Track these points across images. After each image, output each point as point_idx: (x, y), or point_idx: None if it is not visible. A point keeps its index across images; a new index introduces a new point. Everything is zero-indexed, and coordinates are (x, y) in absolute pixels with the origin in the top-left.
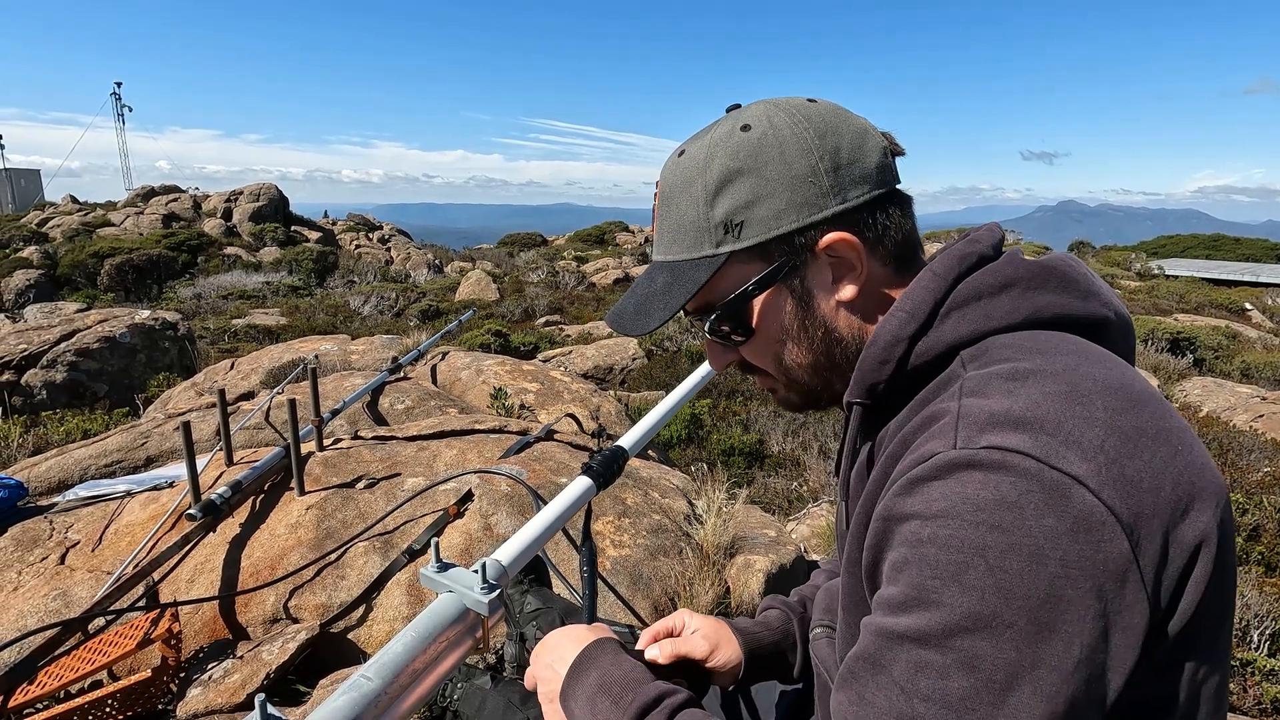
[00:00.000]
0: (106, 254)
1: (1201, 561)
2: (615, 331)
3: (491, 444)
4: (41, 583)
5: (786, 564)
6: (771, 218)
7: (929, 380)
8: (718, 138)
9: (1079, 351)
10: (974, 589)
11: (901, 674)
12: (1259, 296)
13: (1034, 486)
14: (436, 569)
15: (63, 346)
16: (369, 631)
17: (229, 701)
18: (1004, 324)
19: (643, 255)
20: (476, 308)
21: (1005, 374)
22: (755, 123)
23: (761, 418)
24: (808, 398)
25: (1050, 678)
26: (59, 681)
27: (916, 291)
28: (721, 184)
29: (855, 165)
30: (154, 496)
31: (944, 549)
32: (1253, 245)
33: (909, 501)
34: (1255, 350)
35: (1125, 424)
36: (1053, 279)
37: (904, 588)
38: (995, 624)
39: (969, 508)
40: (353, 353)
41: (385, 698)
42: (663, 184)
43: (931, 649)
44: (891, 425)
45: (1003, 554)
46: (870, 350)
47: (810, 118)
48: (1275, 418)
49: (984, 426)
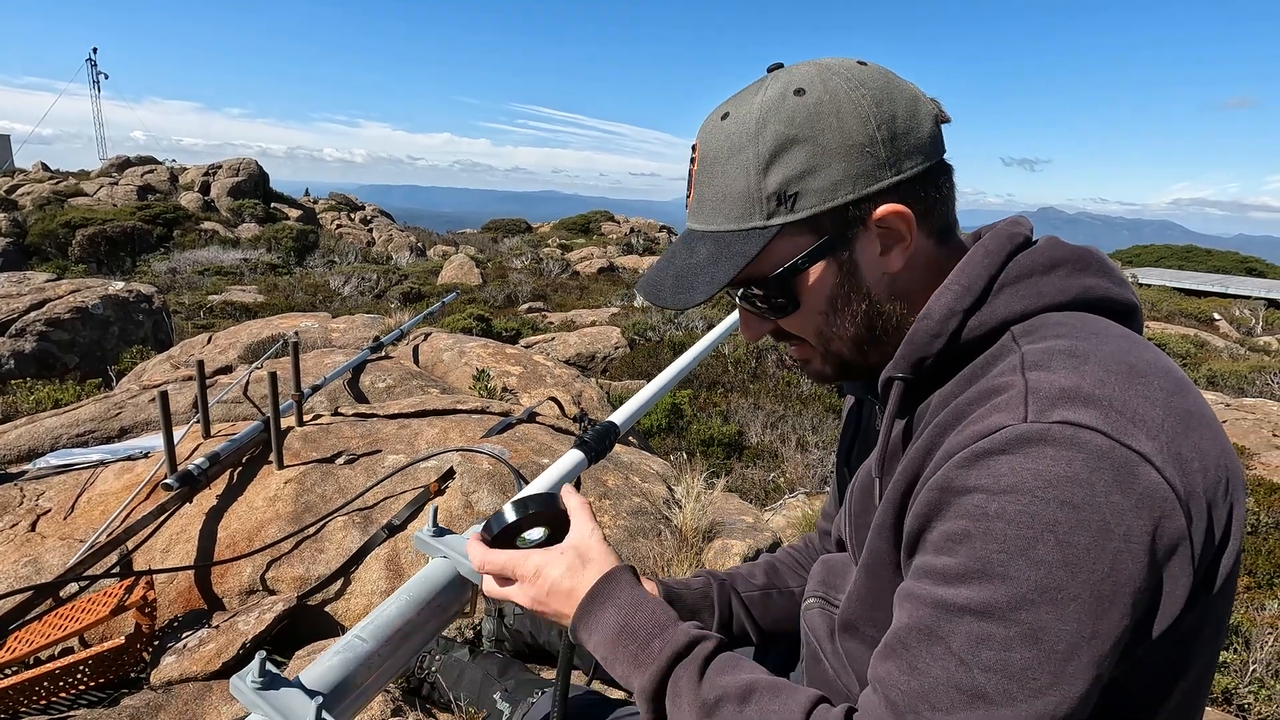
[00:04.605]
0: (79, 224)
1: (1233, 539)
2: (650, 303)
3: (474, 424)
4: (11, 549)
5: (763, 549)
6: (827, 189)
7: (976, 355)
8: (769, 101)
9: (1126, 335)
10: (1042, 563)
11: (961, 645)
12: (1227, 307)
13: (1105, 464)
14: (432, 534)
15: (32, 316)
16: (346, 605)
17: (204, 670)
18: (1055, 302)
19: (627, 245)
20: (459, 291)
21: (1066, 350)
22: (809, 87)
23: (741, 409)
24: (842, 369)
25: (1103, 647)
26: (29, 647)
27: (970, 267)
28: (775, 152)
29: (910, 135)
30: (128, 466)
31: (1012, 523)
32: (1223, 258)
33: (973, 474)
34: (1221, 359)
35: (1178, 405)
36: (1094, 262)
37: (964, 559)
38: (1061, 597)
39: (1040, 483)
40: (333, 331)
41: (377, 658)
42: (704, 148)
43: (994, 621)
44: (935, 398)
45: (1072, 529)
46: (924, 323)
47: (866, 83)
48: (1238, 424)
49: (1055, 401)
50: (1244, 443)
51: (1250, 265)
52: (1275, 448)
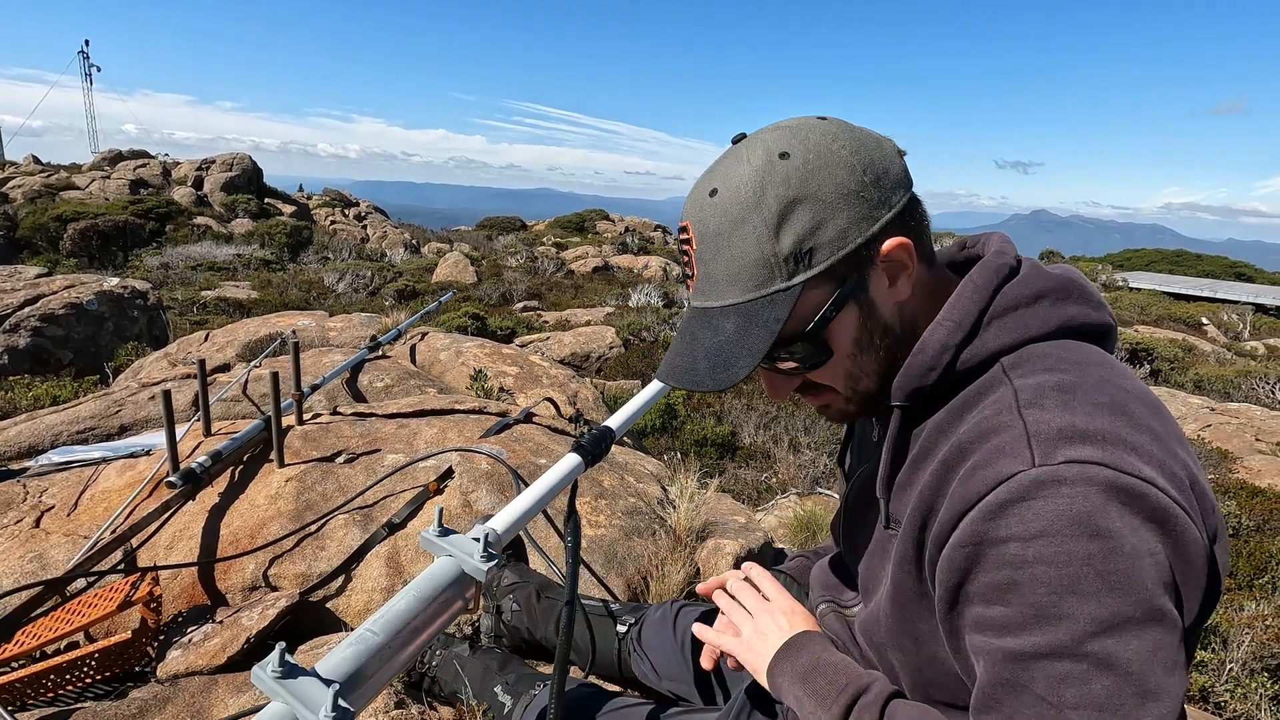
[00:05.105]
0: (70, 218)
1: (1219, 546)
2: (686, 389)
3: (471, 424)
4: (16, 545)
5: (755, 549)
6: (837, 238)
7: (967, 384)
8: (758, 170)
9: (1104, 363)
10: (1090, 595)
11: (1044, 689)
12: (1215, 312)
13: (1116, 493)
14: (438, 533)
15: (26, 311)
16: (347, 601)
17: (210, 664)
18: (1040, 333)
19: (622, 244)
20: (455, 290)
21: (1054, 386)
22: (791, 149)
23: (734, 410)
24: (867, 405)
25: (1171, 653)
26: (36, 641)
27: (960, 302)
28: (782, 215)
29: (889, 173)
30: (130, 464)
31: (1052, 565)
32: (1213, 262)
33: (1002, 525)
34: (1208, 364)
35: (1158, 429)
36: (1074, 290)
37: (1019, 608)
38: (1117, 622)
39: (1065, 522)
40: (330, 329)
41: (387, 650)
42: (700, 227)
43: (1066, 660)
44: (931, 424)
45: (1106, 558)
46: (918, 357)
47: (838, 136)
48: (1222, 428)
49: (1056, 441)
50: (1227, 446)
51: (1239, 270)
52: (1259, 452)
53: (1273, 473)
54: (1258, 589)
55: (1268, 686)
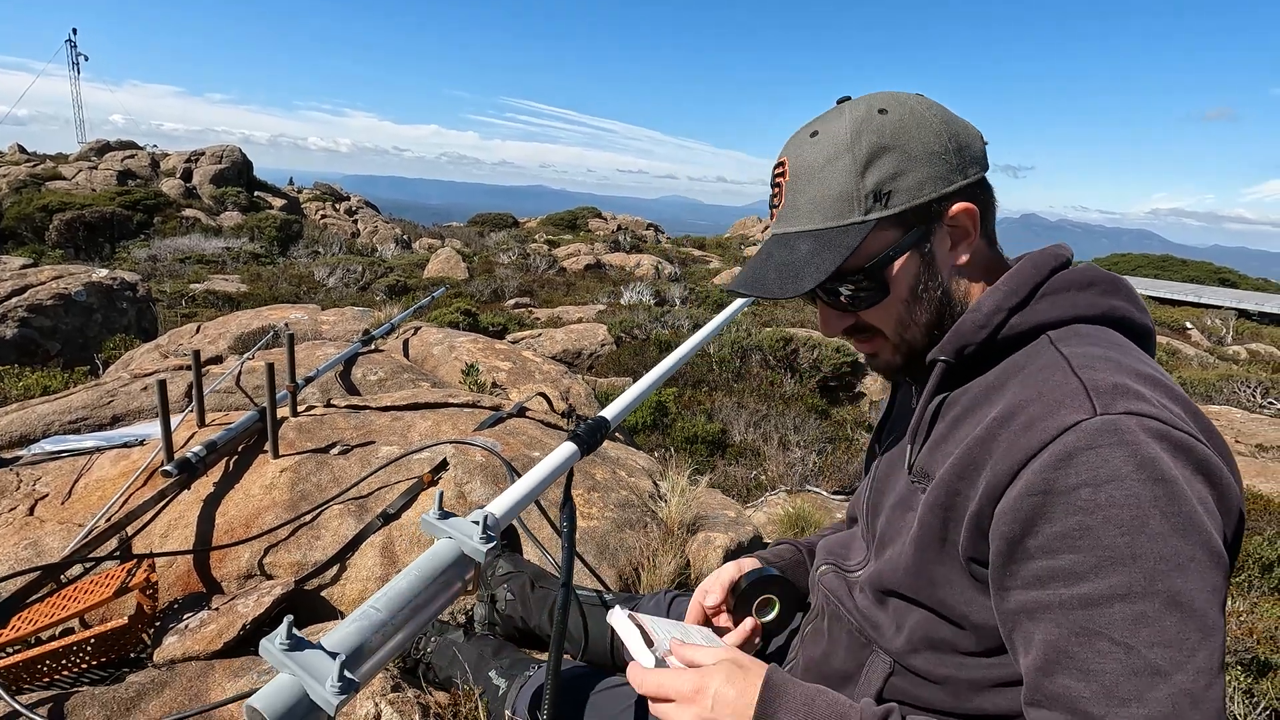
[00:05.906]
0: (56, 209)
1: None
2: (753, 295)
3: (465, 417)
4: (10, 532)
5: (745, 542)
6: (914, 188)
7: (1013, 351)
8: (859, 118)
9: (1139, 352)
10: (1160, 536)
11: (1122, 632)
12: (1199, 316)
13: (1171, 444)
14: (438, 516)
15: (14, 301)
16: (342, 590)
17: (206, 649)
18: (1085, 314)
19: (614, 242)
20: (447, 286)
21: (1101, 356)
22: (890, 108)
23: (725, 408)
24: (911, 357)
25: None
26: (32, 626)
27: (1019, 274)
28: (871, 158)
29: (970, 148)
30: (124, 454)
31: (1123, 508)
32: (1198, 268)
33: (1072, 472)
34: (1192, 367)
35: (1188, 407)
36: (1122, 289)
37: (1092, 553)
38: (1182, 561)
39: (1133, 467)
40: (323, 323)
41: (390, 626)
42: (795, 161)
43: (1140, 600)
44: (976, 385)
45: (1171, 501)
46: (973, 315)
47: (932, 107)
48: None
49: (1114, 394)
50: None
51: (1224, 276)
52: (1238, 453)
53: (1251, 473)
54: (1233, 586)
55: (1241, 680)
